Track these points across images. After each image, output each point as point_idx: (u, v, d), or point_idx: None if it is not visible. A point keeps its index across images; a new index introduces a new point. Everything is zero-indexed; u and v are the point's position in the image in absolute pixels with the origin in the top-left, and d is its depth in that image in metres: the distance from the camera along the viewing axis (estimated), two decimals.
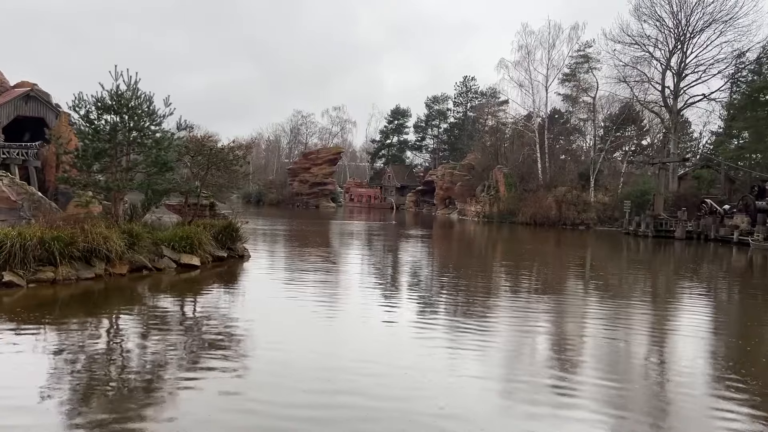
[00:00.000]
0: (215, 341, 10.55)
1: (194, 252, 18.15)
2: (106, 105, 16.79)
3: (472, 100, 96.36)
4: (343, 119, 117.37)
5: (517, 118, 74.13)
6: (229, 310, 13.67)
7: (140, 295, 14.95)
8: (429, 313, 13.84)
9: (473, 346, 10.62)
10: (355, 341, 11.04)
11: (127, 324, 11.96)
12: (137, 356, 9.55)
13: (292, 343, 10.61)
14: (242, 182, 22.69)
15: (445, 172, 77.65)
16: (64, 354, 9.36)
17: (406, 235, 39.59)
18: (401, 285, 18.20)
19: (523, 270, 22.85)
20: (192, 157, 20.62)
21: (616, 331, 12.38)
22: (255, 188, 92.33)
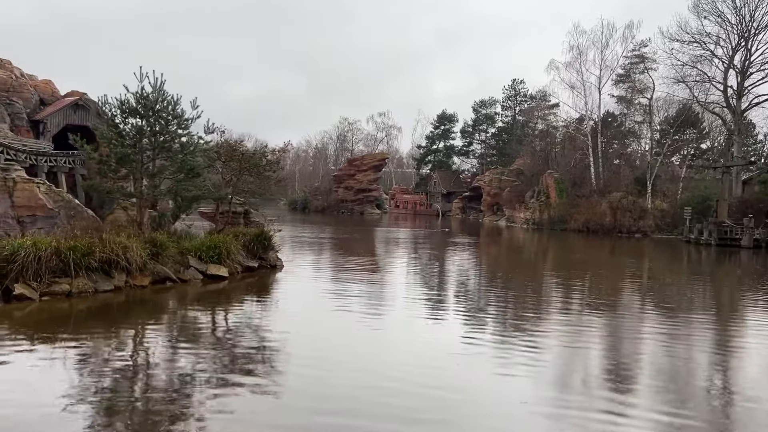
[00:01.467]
0: (243, 357, 9.77)
1: (222, 262, 17.20)
2: (131, 108, 16.03)
3: (520, 103, 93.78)
4: (388, 125, 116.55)
5: (569, 121, 71.41)
6: (259, 323, 12.82)
7: (160, 309, 14.05)
8: (475, 329, 12.57)
9: (522, 365, 9.66)
10: (395, 359, 10.02)
11: (145, 339, 11.17)
12: (158, 374, 8.87)
13: (329, 359, 9.78)
14: (275, 188, 21.65)
15: (492, 178, 75.53)
16: (77, 372, 8.74)
17: (452, 243, 38.03)
18: (446, 298, 16.76)
19: (575, 281, 21.09)
20: (223, 163, 19.74)
21: (675, 350, 11.24)
22: (301, 195, 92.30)
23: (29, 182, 23.29)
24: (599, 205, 53.73)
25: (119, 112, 16.00)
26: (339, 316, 13.58)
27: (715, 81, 57.25)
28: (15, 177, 23.44)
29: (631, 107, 69.30)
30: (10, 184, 22.89)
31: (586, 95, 64.21)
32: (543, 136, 75.60)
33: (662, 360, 10.52)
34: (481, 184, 78.37)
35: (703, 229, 42.48)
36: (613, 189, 56.50)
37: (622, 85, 67.73)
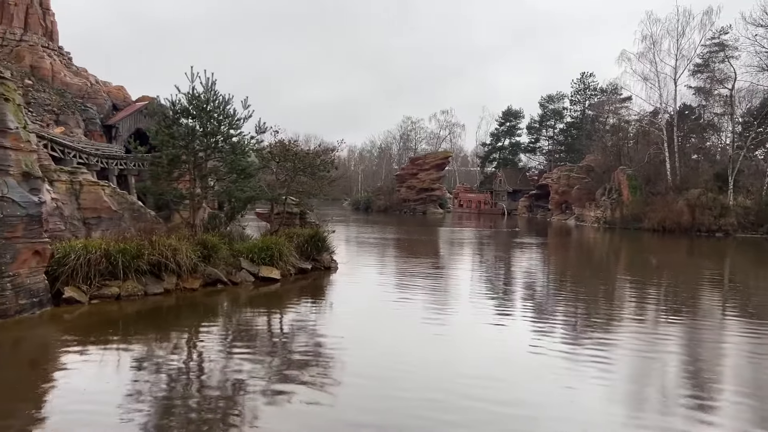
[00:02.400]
0: (296, 363, 9.44)
1: (274, 264, 16.82)
2: (183, 108, 15.86)
3: (590, 97, 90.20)
4: (451, 123, 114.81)
5: (642, 115, 67.95)
6: (312, 327, 12.43)
7: (210, 312, 13.77)
8: (543, 337, 11.68)
9: (592, 378, 9.01)
10: (456, 370, 9.38)
11: (195, 343, 10.95)
12: (209, 379, 8.71)
13: (383, 366, 9.35)
14: (328, 188, 21.17)
15: (561, 175, 72.88)
16: (131, 376, 8.71)
17: (518, 244, 36.58)
18: (512, 303, 15.72)
19: (650, 286, 19.54)
20: (278, 163, 19.40)
21: (763, 364, 10.26)
22: (363, 195, 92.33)
23: (95, 185, 23.82)
24: (676, 203, 50.66)
25: (171, 112, 15.86)
26: (395, 321, 13.06)
27: None
28: (81, 180, 24.00)
29: (710, 99, 65.21)
30: (77, 186, 23.44)
31: (660, 87, 60.93)
32: (614, 130, 72.34)
33: (748, 374, 9.64)
34: (549, 182, 75.79)
35: None
36: (690, 185, 53.21)
37: (700, 75, 63.85)
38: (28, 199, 11.91)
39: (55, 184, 23.27)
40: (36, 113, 43.30)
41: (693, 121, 66.63)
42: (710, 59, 61.79)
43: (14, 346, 10.42)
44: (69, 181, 23.39)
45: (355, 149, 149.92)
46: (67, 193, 23.21)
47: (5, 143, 11.76)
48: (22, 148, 12.33)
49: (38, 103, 44.75)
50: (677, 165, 58.27)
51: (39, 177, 12.57)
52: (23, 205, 11.67)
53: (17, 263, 11.39)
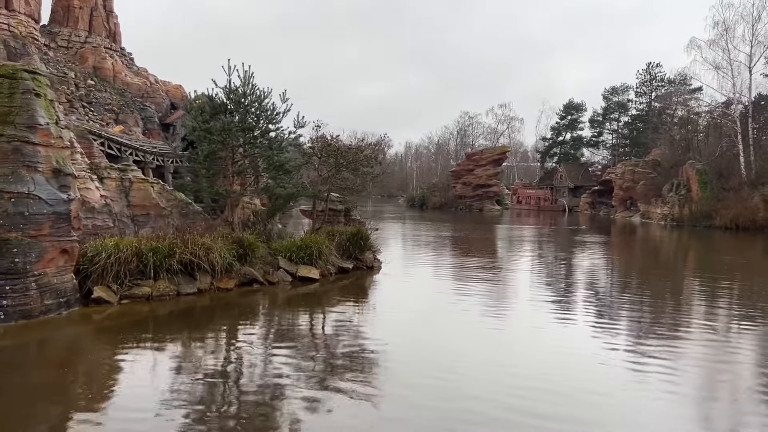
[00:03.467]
0: (338, 367, 9.09)
1: (313, 263, 16.19)
2: (220, 102, 15.41)
3: (657, 89, 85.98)
4: (509, 117, 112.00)
5: (713, 106, 64.05)
6: (349, 329, 11.86)
7: (244, 313, 13.24)
8: (606, 346, 10.66)
9: (660, 393, 8.30)
10: (507, 377, 8.89)
11: (227, 345, 10.54)
12: (245, 383, 8.44)
13: (434, 374, 8.82)
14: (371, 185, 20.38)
15: (625, 170, 69.63)
16: (166, 379, 8.45)
17: (580, 243, 34.82)
18: (572, 308, 14.42)
19: (722, 290, 17.79)
20: (319, 159, 18.77)
21: None
22: (419, 192, 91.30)
23: (144, 182, 23.92)
24: (750, 199, 47.32)
25: (208, 107, 15.44)
26: (441, 325, 12.33)
27: None
28: (131, 177, 24.15)
29: None
30: (127, 184, 23.61)
31: (734, 76, 57.04)
32: (683, 123, 68.56)
33: None
34: (612, 177, 72.63)
35: None
36: (767, 180, 49.63)
37: None
38: (56, 196, 11.64)
39: (105, 182, 23.49)
40: (97, 112, 44.56)
41: None
42: None
43: (38, 347, 10.14)
44: (119, 178, 23.55)
45: (412, 145, 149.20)
46: (117, 190, 23.39)
47: (34, 139, 11.52)
48: (53, 145, 12.08)
49: (99, 103, 46.02)
50: (752, 158, 54.55)
51: (70, 174, 12.28)
52: (50, 202, 11.41)
53: (43, 262, 11.14)
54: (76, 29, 54.09)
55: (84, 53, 52.42)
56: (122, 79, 52.79)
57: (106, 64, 52.64)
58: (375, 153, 19.30)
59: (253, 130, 15.24)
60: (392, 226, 43.39)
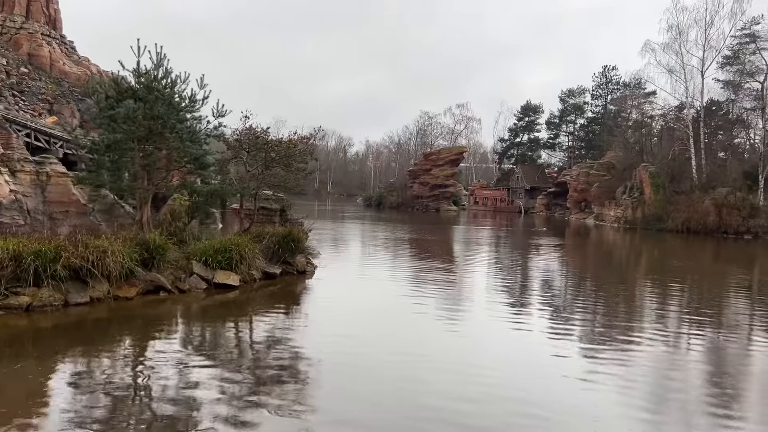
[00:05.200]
0: (260, 384, 8.16)
1: (234, 268, 14.60)
2: (127, 87, 13.69)
3: (612, 91, 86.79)
4: (466, 117, 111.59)
5: (666, 110, 64.65)
6: (277, 342, 10.67)
7: (147, 325, 11.60)
8: (561, 353, 9.90)
9: (615, 395, 8.36)
10: (441, 392, 8.21)
11: (126, 363, 9.13)
12: (150, 403, 7.42)
13: (369, 386, 8.33)
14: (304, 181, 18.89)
15: (580, 172, 69.72)
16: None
17: (533, 246, 33.98)
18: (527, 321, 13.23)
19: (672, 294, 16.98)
20: (248, 153, 17.19)
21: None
22: (376, 192, 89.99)
23: (64, 176, 21.82)
24: (701, 203, 47.51)
25: (114, 91, 13.68)
26: (376, 333, 11.46)
27: None
28: (49, 171, 22.03)
29: (740, 93, 61.68)
30: (44, 178, 21.47)
31: (686, 80, 57.58)
32: (637, 126, 69.05)
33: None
34: (567, 179, 72.71)
35: None
36: (717, 184, 49.98)
37: (729, 68, 60.36)
38: None
39: (18, 175, 21.34)
40: (29, 102, 41.77)
41: (721, 116, 63.15)
42: (740, 51, 58.27)
43: None
44: (35, 171, 21.37)
45: (373, 145, 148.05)
46: (32, 185, 21.21)
47: None
48: None
49: (32, 92, 43.16)
50: (703, 163, 55.07)
51: None
52: None
53: None
54: (11, 14, 50.85)
55: (18, 39, 49.28)
56: (60, 68, 49.81)
57: (43, 51, 49.56)
58: (309, 148, 17.76)
59: (163, 118, 13.52)
60: (343, 227, 41.92)
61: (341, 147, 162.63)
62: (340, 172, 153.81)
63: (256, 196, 17.64)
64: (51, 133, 33.54)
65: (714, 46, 56.25)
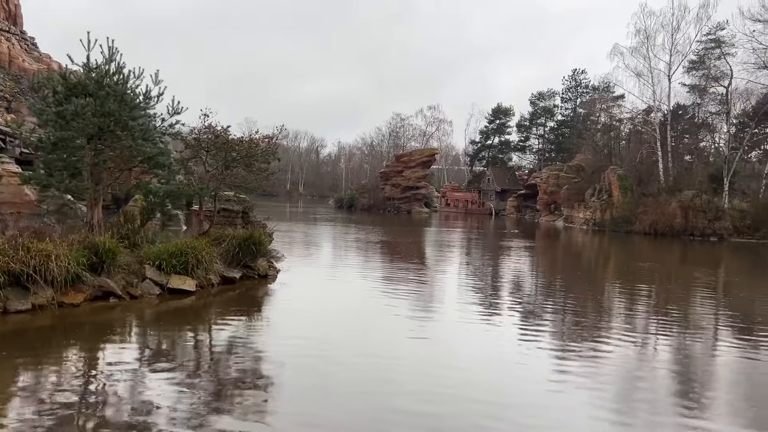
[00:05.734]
0: (219, 396, 7.63)
1: (190, 273, 13.98)
2: (76, 82, 12.98)
3: (582, 95, 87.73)
4: (438, 119, 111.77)
5: (634, 113, 65.48)
6: (237, 349, 10.08)
7: (96, 333, 10.93)
8: (530, 354, 9.47)
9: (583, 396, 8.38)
10: (405, 398, 7.93)
11: (74, 373, 8.52)
12: (99, 418, 6.78)
13: (334, 400, 7.81)
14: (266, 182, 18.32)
15: (549, 175, 70.27)
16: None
17: (504, 248, 33.87)
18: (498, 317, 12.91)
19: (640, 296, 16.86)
20: (207, 152, 16.56)
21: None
22: (347, 193, 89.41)
23: (15, 175, 20.93)
24: (668, 205, 48.11)
25: (62, 87, 12.97)
26: (341, 339, 10.92)
27: None
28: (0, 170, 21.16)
29: (705, 97, 62.73)
30: None
31: (654, 84, 58.35)
32: (606, 129, 69.82)
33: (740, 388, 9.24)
34: (538, 182, 73.19)
35: None
36: (684, 187, 50.69)
37: (695, 72, 61.37)
38: None
39: None
40: None
41: (687, 120, 64.15)
42: (706, 56, 59.27)
43: None
44: None
45: (346, 146, 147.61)
46: None
47: None
48: None
49: None
50: (670, 166, 55.84)
51: None
52: None
53: None
54: None
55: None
56: (19, 65, 48.09)
57: (1, 47, 47.83)
58: (271, 147, 17.18)
59: (114, 115, 12.84)
60: (312, 229, 41.32)
61: (313, 148, 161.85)
62: (312, 173, 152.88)
63: (215, 197, 17.02)
64: (6, 131, 32.29)
65: (680, 51, 57.15)
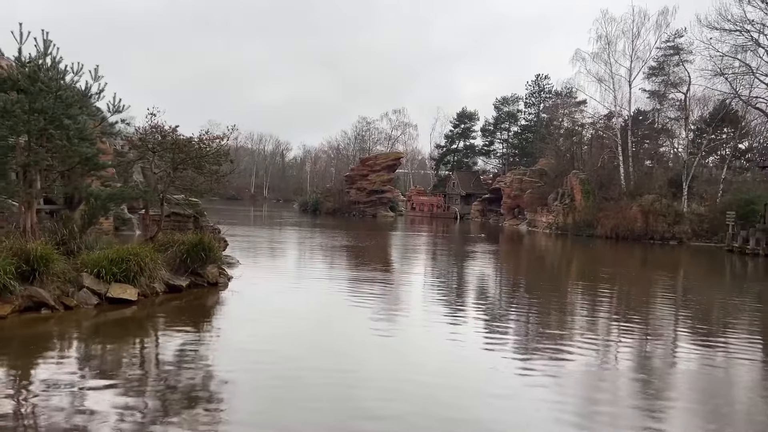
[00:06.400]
0: (166, 410, 7.19)
1: (132, 281, 13.16)
2: (6, 77, 12.08)
3: (545, 100, 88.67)
4: (403, 122, 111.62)
5: (596, 118, 66.30)
6: (185, 361, 9.55)
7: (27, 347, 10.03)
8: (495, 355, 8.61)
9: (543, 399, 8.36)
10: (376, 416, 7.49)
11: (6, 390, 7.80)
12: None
13: (286, 413, 7.40)
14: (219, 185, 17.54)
15: (513, 179, 70.69)
16: None
17: (468, 253, 33.59)
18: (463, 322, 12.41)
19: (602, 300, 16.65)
20: (154, 154, 15.74)
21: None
22: (312, 197, 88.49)
23: None
24: (629, 209, 48.66)
25: None
26: (293, 348, 10.42)
27: (759, 73, 51.64)
28: None
29: (665, 103, 63.94)
30: None
31: (615, 89, 59.07)
32: (568, 134, 70.56)
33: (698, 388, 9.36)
34: (502, 186, 73.60)
35: (749, 236, 37.37)
36: (644, 191, 51.37)
37: (654, 78, 62.39)
38: None
39: None
40: None
41: (647, 125, 65.23)
42: (665, 62, 60.34)
43: None
44: None
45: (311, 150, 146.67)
46: None
47: None
48: None
49: None
50: (631, 170, 56.58)
51: None
52: None
53: None
54: None
55: None
56: None
57: None
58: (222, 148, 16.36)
59: (48, 112, 11.98)
60: (274, 233, 40.42)
61: (279, 152, 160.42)
62: (277, 177, 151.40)
63: (163, 201, 16.19)
64: None
65: (641, 57, 58.00)
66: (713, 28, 51.51)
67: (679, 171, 53.80)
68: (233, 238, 31.25)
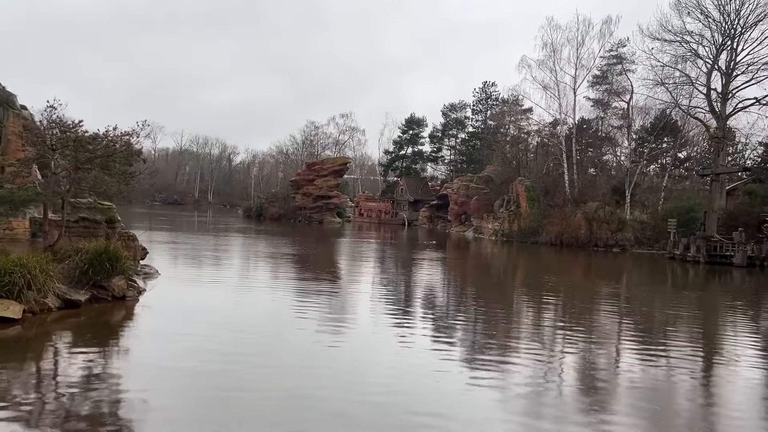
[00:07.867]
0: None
1: (18, 296, 11.43)
2: None
3: (492, 107, 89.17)
4: (351, 127, 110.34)
5: (542, 126, 66.79)
6: (89, 385, 8.37)
7: None
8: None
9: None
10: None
11: None
12: None
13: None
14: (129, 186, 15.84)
15: (460, 185, 70.46)
16: None
17: (416, 260, 32.53)
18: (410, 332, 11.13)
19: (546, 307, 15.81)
20: (54, 152, 13.99)
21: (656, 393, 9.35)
22: (256, 202, 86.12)
23: None
24: (574, 216, 48.79)
25: None
26: (209, 369, 9.39)
27: (698, 83, 52.79)
28: None
29: (608, 111, 64.93)
30: None
31: (560, 96, 59.41)
32: (515, 141, 70.87)
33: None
34: (449, 192, 73.27)
35: (690, 244, 37.72)
36: (588, 199, 51.74)
37: (598, 87, 63.45)
38: None
39: None
40: None
41: (591, 133, 66.07)
42: (609, 71, 61.27)
43: None
44: None
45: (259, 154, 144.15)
46: None
47: None
48: None
49: None
50: (575, 178, 56.97)
51: None
52: None
53: None
54: None
55: None
56: None
57: None
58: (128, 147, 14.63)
59: None
60: (210, 241, 38.35)
61: (225, 156, 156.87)
62: (223, 181, 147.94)
63: (64, 205, 14.41)
64: None
65: (585, 65, 58.55)
66: (655, 38, 52.42)
67: (622, 179, 54.43)
68: (161, 245, 29.41)
